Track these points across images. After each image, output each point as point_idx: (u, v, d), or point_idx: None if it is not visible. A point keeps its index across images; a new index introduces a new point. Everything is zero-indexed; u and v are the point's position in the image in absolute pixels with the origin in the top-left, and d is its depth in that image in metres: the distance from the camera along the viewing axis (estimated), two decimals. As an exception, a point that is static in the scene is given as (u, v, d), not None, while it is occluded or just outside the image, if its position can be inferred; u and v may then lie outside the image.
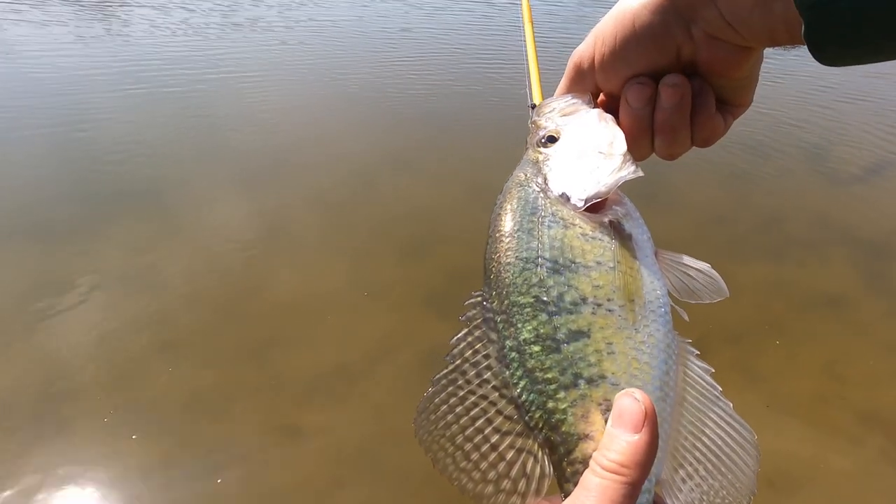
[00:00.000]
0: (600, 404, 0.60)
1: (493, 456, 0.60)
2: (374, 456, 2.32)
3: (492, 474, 0.60)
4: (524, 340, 0.61)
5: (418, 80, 5.67)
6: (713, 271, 0.64)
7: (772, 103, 5.28)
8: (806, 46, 0.51)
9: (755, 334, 2.97)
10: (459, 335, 0.63)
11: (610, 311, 0.62)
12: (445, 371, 0.62)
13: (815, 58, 0.51)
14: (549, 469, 0.60)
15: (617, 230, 0.65)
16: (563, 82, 0.72)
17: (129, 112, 4.70)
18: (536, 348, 0.61)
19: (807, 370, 2.80)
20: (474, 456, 0.60)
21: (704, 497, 0.62)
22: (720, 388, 0.63)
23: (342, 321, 2.93)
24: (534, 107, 0.79)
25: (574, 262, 0.63)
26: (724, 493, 0.61)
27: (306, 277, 3.19)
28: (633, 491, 0.52)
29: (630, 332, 0.62)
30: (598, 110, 0.70)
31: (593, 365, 0.60)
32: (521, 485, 0.59)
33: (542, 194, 0.68)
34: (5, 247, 3.27)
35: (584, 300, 0.61)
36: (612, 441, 0.54)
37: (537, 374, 0.61)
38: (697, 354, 0.65)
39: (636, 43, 0.62)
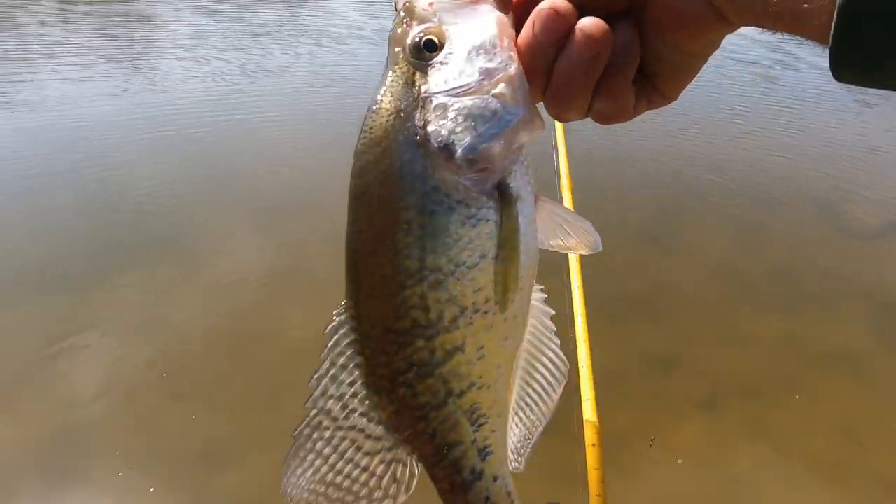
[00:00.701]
0: (466, 411, 0.59)
1: (363, 476, 0.60)
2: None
3: (364, 492, 0.60)
4: (397, 370, 0.57)
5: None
6: (592, 227, 0.59)
7: (789, 153, 5.30)
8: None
9: (770, 390, 2.94)
10: (320, 371, 0.58)
11: (486, 312, 0.55)
12: (307, 420, 0.59)
13: (836, 61, 0.41)
14: (416, 468, 0.61)
15: (503, 193, 0.53)
16: None
17: (154, 157, 4.83)
18: (410, 376, 0.57)
19: (823, 428, 2.76)
20: (346, 484, 0.60)
21: (527, 432, 0.66)
22: (555, 328, 0.63)
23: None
24: None
25: (458, 267, 0.53)
26: (538, 420, 0.66)
27: (322, 322, 3.23)
28: None
29: (499, 322, 0.56)
30: (500, 15, 0.51)
31: (463, 378, 0.57)
32: (392, 489, 0.61)
33: (421, 150, 0.51)
34: (23, 296, 3.29)
35: (463, 312, 0.54)
36: None
37: (409, 401, 0.58)
38: (545, 299, 0.62)
39: None
